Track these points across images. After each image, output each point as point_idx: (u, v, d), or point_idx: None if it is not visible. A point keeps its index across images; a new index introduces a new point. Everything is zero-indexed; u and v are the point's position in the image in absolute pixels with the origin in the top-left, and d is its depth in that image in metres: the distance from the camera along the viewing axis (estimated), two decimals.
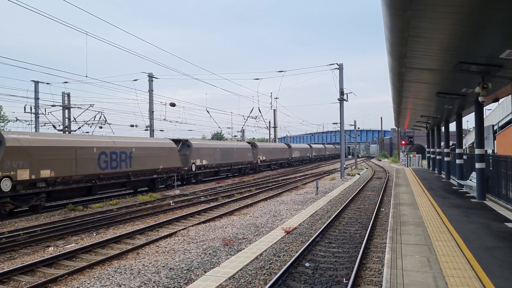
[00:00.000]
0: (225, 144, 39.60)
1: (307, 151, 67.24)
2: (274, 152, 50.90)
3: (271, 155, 49.43)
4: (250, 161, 42.49)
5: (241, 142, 47.37)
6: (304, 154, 65.40)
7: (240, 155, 40.00)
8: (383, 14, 7.01)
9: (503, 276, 6.08)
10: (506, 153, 19.17)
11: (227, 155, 36.79)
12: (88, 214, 16.69)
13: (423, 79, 12.60)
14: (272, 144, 57.07)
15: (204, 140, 43.35)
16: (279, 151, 52.74)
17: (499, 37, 7.58)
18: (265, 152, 47.31)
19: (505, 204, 12.73)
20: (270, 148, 50.29)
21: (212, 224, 14.00)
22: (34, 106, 32.25)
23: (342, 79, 32.34)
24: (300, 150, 63.38)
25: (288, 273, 8.20)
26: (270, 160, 49.06)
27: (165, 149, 26.48)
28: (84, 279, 8.44)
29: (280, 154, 52.68)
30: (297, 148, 62.48)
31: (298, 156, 61.42)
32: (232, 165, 38.03)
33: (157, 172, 25.32)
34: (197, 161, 31.32)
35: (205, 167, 32.65)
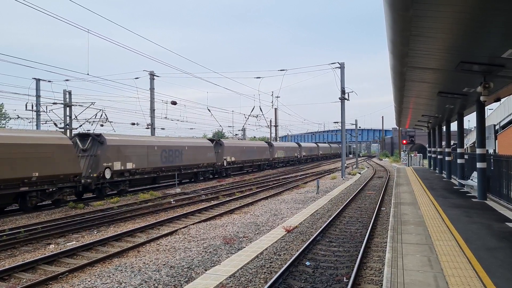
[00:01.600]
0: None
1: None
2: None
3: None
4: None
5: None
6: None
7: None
8: (385, 13, 7.00)
9: (504, 276, 6.07)
10: (507, 153, 19.15)
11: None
12: (89, 212, 16.71)
13: (425, 79, 12.58)
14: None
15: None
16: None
17: (500, 37, 7.56)
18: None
19: (506, 204, 12.72)
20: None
21: (212, 223, 14.01)
22: (36, 103, 32.30)
23: (344, 78, 32.31)
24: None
25: (288, 272, 8.20)
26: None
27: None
28: (84, 276, 8.45)
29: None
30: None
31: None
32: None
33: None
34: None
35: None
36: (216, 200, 20.37)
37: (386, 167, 48.06)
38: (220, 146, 35.22)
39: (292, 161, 58.18)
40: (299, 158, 61.21)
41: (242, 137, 61.05)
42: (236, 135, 62.00)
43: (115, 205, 18.32)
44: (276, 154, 49.60)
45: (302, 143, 69.56)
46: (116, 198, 20.13)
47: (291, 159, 57.46)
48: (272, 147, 48.53)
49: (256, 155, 43.36)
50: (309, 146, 70.12)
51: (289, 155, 56.18)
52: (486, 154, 14.87)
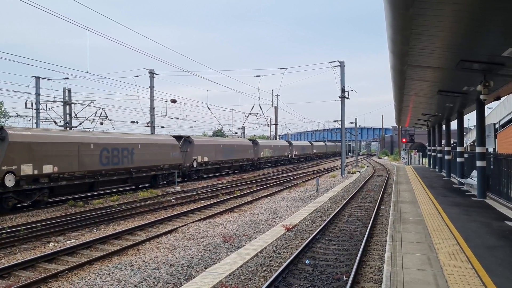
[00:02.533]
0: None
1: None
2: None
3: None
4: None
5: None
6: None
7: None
8: (385, 12, 6.99)
9: (503, 275, 6.08)
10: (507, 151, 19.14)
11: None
12: (88, 210, 16.72)
13: (425, 77, 12.57)
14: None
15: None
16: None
17: (501, 36, 7.55)
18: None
19: (506, 202, 12.72)
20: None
21: (212, 221, 14.02)
22: (35, 101, 32.25)
23: (343, 76, 32.29)
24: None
25: (288, 270, 8.21)
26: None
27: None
28: (84, 274, 8.45)
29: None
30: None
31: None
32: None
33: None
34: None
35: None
36: (216, 198, 20.37)
37: (386, 166, 48.07)
38: (189, 144, 30.48)
39: (282, 161, 53.51)
40: (290, 157, 56.76)
41: (242, 135, 60.93)
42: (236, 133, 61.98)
43: (114, 203, 18.31)
44: (261, 153, 44.89)
45: (294, 141, 64.21)
46: (116, 196, 20.12)
47: (281, 158, 52.76)
48: (257, 146, 43.86)
49: (237, 155, 38.18)
50: (301, 145, 65.16)
51: (278, 154, 51.27)
52: (485, 152, 14.87)
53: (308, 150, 67.88)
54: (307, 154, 67.27)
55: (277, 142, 55.97)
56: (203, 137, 36.65)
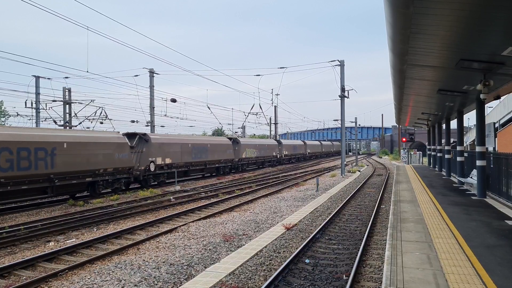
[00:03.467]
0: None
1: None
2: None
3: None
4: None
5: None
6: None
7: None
8: (385, 11, 6.98)
9: (503, 274, 6.08)
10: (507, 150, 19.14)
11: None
12: (88, 210, 16.72)
13: (425, 76, 12.56)
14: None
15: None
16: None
17: (501, 35, 7.55)
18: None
19: (506, 202, 12.72)
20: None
21: (212, 220, 14.02)
22: (35, 101, 32.27)
23: (343, 75, 32.28)
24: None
25: (288, 270, 8.21)
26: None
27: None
28: (84, 274, 8.46)
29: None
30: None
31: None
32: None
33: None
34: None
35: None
36: (216, 197, 20.38)
37: (386, 165, 48.08)
38: (146, 143, 25.32)
39: (270, 161, 48.40)
40: (279, 158, 51.18)
41: (242, 134, 60.91)
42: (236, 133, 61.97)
43: (114, 203, 18.32)
44: (244, 153, 39.87)
45: (284, 140, 58.59)
46: (116, 196, 20.13)
47: (268, 159, 47.47)
48: (238, 145, 39.00)
49: (212, 155, 32.95)
50: (292, 144, 59.51)
51: (264, 155, 45.74)
52: (485, 152, 14.87)
53: (301, 150, 62.84)
54: (299, 154, 62.10)
55: (263, 140, 51.18)
56: (165, 135, 30.39)
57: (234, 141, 38.61)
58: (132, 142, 24.64)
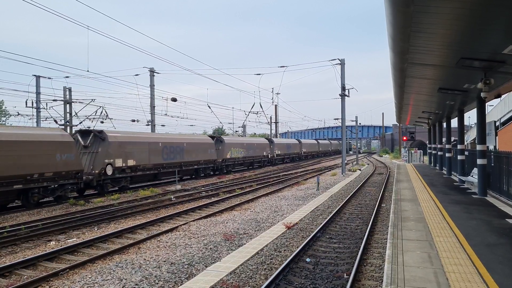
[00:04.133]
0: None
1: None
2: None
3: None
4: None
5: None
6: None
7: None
8: (385, 9, 6.97)
9: (504, 272, 6.08)
10: (507, 149, 19.13)
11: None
12: (89, 209, 16.74)
13: (425, 75, 12.55)
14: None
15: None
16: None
17: (502, 33, 7.54)
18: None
19: (506, 200, 12.72)
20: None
21: (213, 219, 14.03)
22: (36, 100, 32.31)
23: (344, 74, 32.26)
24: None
25: (289, 268, 8.21)
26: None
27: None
28: (85, 273, 8.46)
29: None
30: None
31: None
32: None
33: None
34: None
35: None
36: (217, 196, 20.39)
37: (387, 164, 48.07)
38: (102, 142, 21.49)
39: (259, 162, 44.45)
40: (271, 158, 47.39)
41: (242, 133, 60.90)
42: (237, 132, 61.98)
43: (115, 202, 18.34)
44: (228, 153, 36.12)
45: (276, 139, 54.59)
46: (117, 195, 20.15)
47: (257, 159, 43.63)
48: (222, 144, 35.29)
49: (189, 155, 29.06)
50: (285, 143, 55.14)
51: (253, 155, 41.80)
52: (486, 150, 14.86)
53: (295, 149, 58.58)
54: (294, 154, 57.92)
55: (251, 139, 47.05)
56: (129, 132, 25.64)
57: (217, 140, 35.08)
58: (86, 140, 21.66)
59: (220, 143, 35.17)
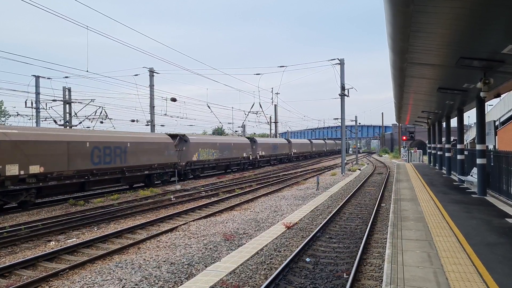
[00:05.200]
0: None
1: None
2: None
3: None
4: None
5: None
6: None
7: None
8: (385, 9, 6.98)
9: (503, 272, 6.08)
10: (507, 148, 19.15)
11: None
12: (89, 209, 16.73)
13: (425, 75, 12.56)
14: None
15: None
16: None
17: (501, 33, 7.54)
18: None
19: (506, 200, 12.73)
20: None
21: (213, 219, 14.02)
22: (35, 100, 32.30)
23: (343, 74, 32.26)
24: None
25: (288, 268, 8.22)
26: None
27: None
28: (85, 273, 8.46)
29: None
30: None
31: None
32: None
33: None
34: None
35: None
36: (216, 196, 20.39)
37: (386, 163, 48.09)
38: None
39: (238, 164, 38.60)
40: (253, 160, 41.35)
41: (242, 133, 60.89)
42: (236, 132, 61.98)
43: (115, 202, 18.33)
44: (196, 155, 30.25)
45: (260, 138, 48.53)
46: (116, 195, 20.15)
47: (236, 161, 37.60)
48: (187, 144, 29.34)
49: (134, 159, 22.62)
50: (272, 143, 48.82)
51: (229, 156, 35.75)
52: (486, 150, 14.87)
53: (284, 150, 52.67)
54: (282, 155, 52.04)
55: (227, 138, 41.40)
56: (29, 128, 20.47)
57: (180, 139, 29.36)
58: None
59: (185, 142, 29.48)
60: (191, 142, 29.99)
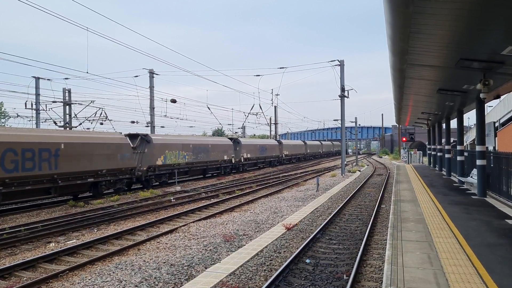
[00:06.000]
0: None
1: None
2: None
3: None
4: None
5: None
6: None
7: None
8: (384, 10, 6.98)
9: (503, 273, 6.08)
10: (507, 150, 19.13)
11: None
12: (89, 210, 16.72)
13: (424, 76, 12.56)
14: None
15: None
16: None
17: (501, 34, 7.55)
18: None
19: (506, 201, 12.72)
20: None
21: (213, 221, 14.02)
22: (35, 102, 32.30)
23: (343, 75, 32.28)
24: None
25: (288, 270, 8.21)
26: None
27: None
28: (85, 274, 8.46)
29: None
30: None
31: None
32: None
33: None
34: None
35: None
36: (216, 198, 20.39)
37: (386, 165, 48.09)
38: None
39: (218, 169, 34.25)
40: (236, 163, 37.01)
41: (242, 135, 60.91)
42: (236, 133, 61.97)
43: (115, 203, 18.32)
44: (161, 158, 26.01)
45: (245, 139, 43.51)
46: (116, 196, 20.13)
47: (214, 165, 32.90)
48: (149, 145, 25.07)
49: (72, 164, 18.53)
50: (260, 144, 44.37)
51: (204, 159, 31.35)
52: (485, 151, 14.87)
53: (273, 152, 48.08)
54: (272, 157, 47.50)
55: (203, 139, 34.85)
56: None
57: (141, 140, 25.07)
58: None
59: (147, 144, 25.00)
60: (155, 143, 25.59)
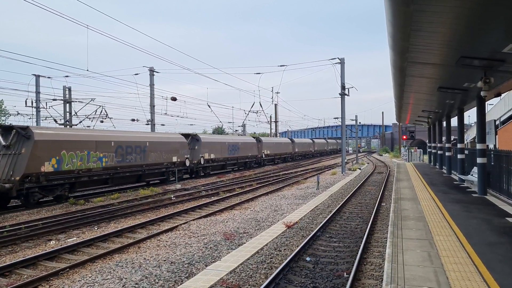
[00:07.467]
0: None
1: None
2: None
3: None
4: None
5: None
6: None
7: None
8: (385, 9, 6.97)
9: (504, 271, 6.08)
10: (507, 148, 19.13)
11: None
12: (89, 208, 16.73)
13: (425, 74, 12.55)
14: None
15: None
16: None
17: (502, 32, 7.53)
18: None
19: (506, 199, 12.72)
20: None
21: (213, 219, 14.02)
22: (35, 100, 32.28)
23: (344, 73, 32.23)
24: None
25: (289, 267, 8.21)
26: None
27: None
28: (85, 272, 8.47)
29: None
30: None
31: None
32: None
33: None
34: None
35: None
36: (217, 196, 20.39)
37: (386, 163, 48.09)
38: None
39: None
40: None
41: (242, 133, 60.85)
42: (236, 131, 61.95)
43: (115, 201, 18.34)
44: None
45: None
46: (117, 194, 20.14)
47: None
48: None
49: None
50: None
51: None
52: (486, 149, 14.85)
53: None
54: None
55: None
56: None
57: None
58: None
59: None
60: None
